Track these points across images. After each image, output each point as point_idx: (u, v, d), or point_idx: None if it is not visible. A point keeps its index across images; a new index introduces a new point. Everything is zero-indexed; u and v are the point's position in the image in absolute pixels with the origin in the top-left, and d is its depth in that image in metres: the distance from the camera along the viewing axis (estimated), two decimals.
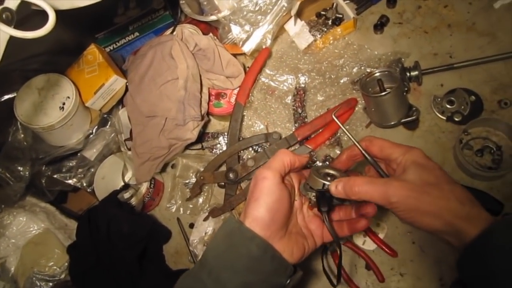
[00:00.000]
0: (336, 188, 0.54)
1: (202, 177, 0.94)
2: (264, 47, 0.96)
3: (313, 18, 1.06)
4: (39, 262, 0.93)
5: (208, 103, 0.98)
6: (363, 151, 0.58)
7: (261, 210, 0.53)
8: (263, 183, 0.54)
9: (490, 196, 0.83)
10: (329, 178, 0.56)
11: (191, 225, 0.98)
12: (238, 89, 0.98)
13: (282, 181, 0.56)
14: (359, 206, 0.59)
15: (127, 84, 0.97)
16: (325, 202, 0.56)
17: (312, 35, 1.01)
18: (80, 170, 0.99)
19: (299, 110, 0.98)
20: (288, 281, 0.55)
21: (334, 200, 0.57)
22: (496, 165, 0.86)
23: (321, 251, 0.61)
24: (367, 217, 0.59)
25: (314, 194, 0.57)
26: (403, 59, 0.96)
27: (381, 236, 0.87)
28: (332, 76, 0.99)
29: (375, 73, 0.91)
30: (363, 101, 0.94)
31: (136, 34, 1.06)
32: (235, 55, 0.99)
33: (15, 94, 0.92)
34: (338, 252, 0.58)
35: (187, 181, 1.01)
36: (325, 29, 1.02)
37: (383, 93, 0.85)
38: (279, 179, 0.55)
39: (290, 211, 0.57)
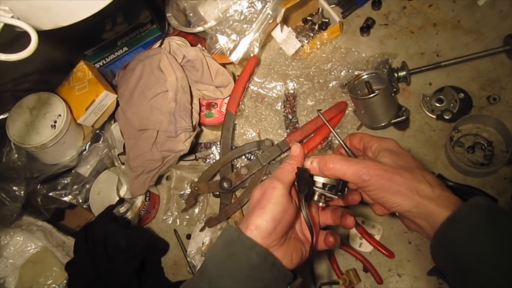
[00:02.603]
0: (311, 163, 0.56)
1: (196, 188, 0.95)
2: (252, 55, 0.97)
3: (300, 24, 1.07)
4: (38, 281, 0.93)
5: (199, 114, 0.99)
6: (344, 146, 0.60)
7: (265, 219, 0.53)
8: (272, 192, 0.54)
9: (483, 192, 0.83)
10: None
11: (188, 236, 0.98)
12: (228, 98, 0.99)
13: (290, 192, 0.56)
14: (343, 214, 0.60)
15: (118, 98, 0.98)
16: (304, 183, 0.55)
17: (299, 41, 1.02)
18: (75, 186, 1.00)
19: (290, 116, 0.99)
20: None
21: (316, 188, 0.57)
22: (488, 161, 0.86)
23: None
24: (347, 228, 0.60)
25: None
26: (390, 60, 0.96)
27: (377, 237, 0.87)
28: (321, 81, 0.99)
29: (363, 75, 0.91)
30: (353, 104, 0.94)
31: (125, 48, 1.07)
32: (223, 65, 1.00)
33: (7, 115, 0.92)
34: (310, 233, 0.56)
35: (182, 192, 1.01)
36: (312, 34, 1.03)
37: (372, 95, 0.85)
38: (287, 191, 0.55)
39: (294, 221, 0.58)
